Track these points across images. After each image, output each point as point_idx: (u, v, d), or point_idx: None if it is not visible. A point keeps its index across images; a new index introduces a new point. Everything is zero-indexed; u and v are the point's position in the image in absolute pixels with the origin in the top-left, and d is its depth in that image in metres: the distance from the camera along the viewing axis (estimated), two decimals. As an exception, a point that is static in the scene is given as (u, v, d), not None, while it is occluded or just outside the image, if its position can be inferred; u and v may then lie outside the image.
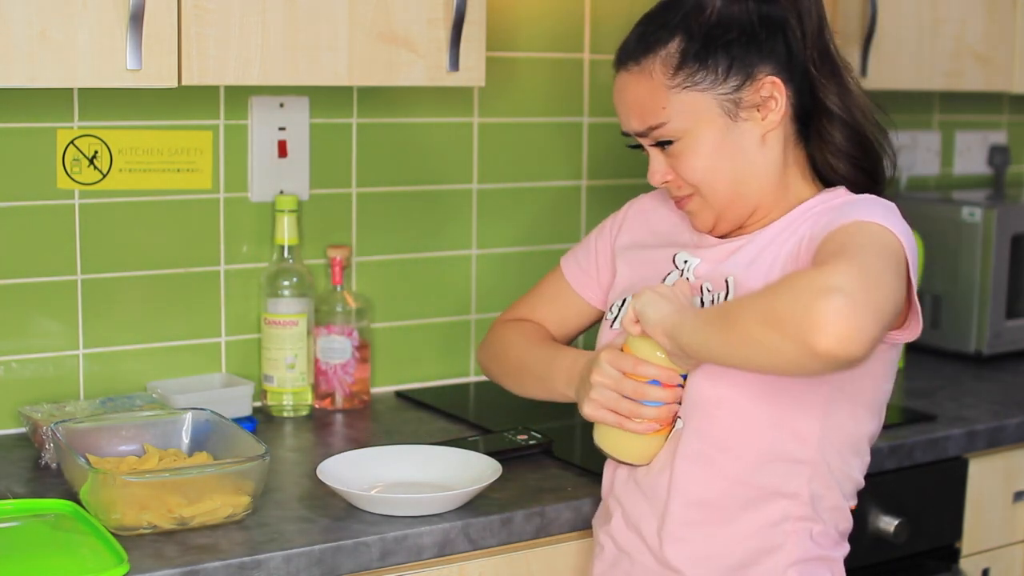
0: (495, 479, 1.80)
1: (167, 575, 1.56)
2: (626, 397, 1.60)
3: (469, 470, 1.86)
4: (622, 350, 1.62)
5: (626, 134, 1.72)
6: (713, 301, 1.63)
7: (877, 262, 1.41)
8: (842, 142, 1.66)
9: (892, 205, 1.58)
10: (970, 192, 2.97)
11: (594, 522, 1.78)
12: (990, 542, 2.35)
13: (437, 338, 2.48)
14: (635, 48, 1.66)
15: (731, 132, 1.62)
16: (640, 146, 1.71)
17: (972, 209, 2.72)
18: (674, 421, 1.63)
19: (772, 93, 1.62)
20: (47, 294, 2.12)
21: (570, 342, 1.94)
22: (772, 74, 1.62)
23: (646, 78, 1.64)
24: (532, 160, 2.54)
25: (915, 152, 3.08)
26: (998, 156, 3.06)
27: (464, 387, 2.48)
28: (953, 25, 2.64)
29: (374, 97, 2.36)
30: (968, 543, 2.31)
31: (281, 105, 2.27)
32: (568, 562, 1.87)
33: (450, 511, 1.77)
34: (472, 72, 2.05)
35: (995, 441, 2.29)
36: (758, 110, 1.62)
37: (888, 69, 2.55)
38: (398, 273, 2.42)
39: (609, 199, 2.61)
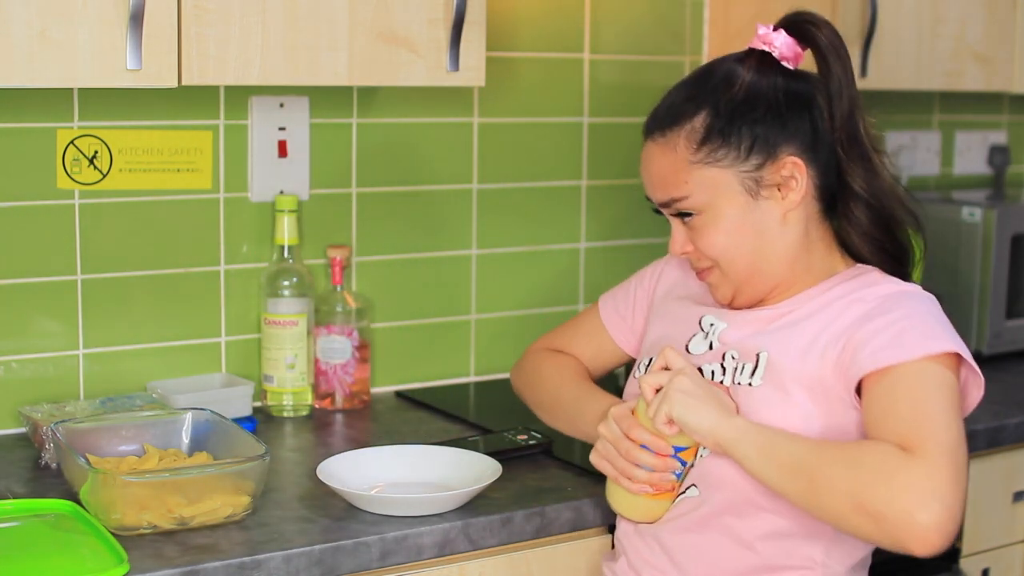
0: (495, 479, 1.80)
1: (167, 575, 1.56)
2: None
3: (469, 470, 1.86)
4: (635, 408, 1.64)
5: (649, 199, 1.72)
6: (736, 370, 1.62)
7: (954, 426, 1.46)
8: (867, 224, 1.65)
9: (934, 304, 1.59)
10: (970, 192, 2.97)
11: (603, 556, 1.82)
12: (990, 542, 2.35)
13: (437, 338, 2.48)
14: (663, 119, 1.66)
15: (752, 210, 1.61)
16: (660, 213, 1.72)
17: (972, 209, 2.72)
18: (680, 486, 1.64)
19: (793, 173, 1.61)
20: (47, 294, 2.12)
21: (603, 377, 1.96)
22: (795, 154, 1.61)
23: (670, 150, 1.64)
24: (532, 160, 2.54)
25: (915, 152, 3.08)
26: (998, 156, 3.06)
27: (464, 387, 2.48)
28: (953, 25, 2.64)
29: (374, 97, 2.36)
30: (968, 543, 2.31)
31: (281, 105, 2.27)
32: (568, 562, 1.87)
33: (450, 511, 1.77)
34: (472, 72, 2.05)
35: (995, 441, 2.29)
36: (779, 189, 1.61)
37: (888, 69, 2.55)
38: (398, 273, 2.42)
39: (609, 199, 2.61)
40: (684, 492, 1.64)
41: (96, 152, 2.12)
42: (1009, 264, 2.72)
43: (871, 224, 1.65)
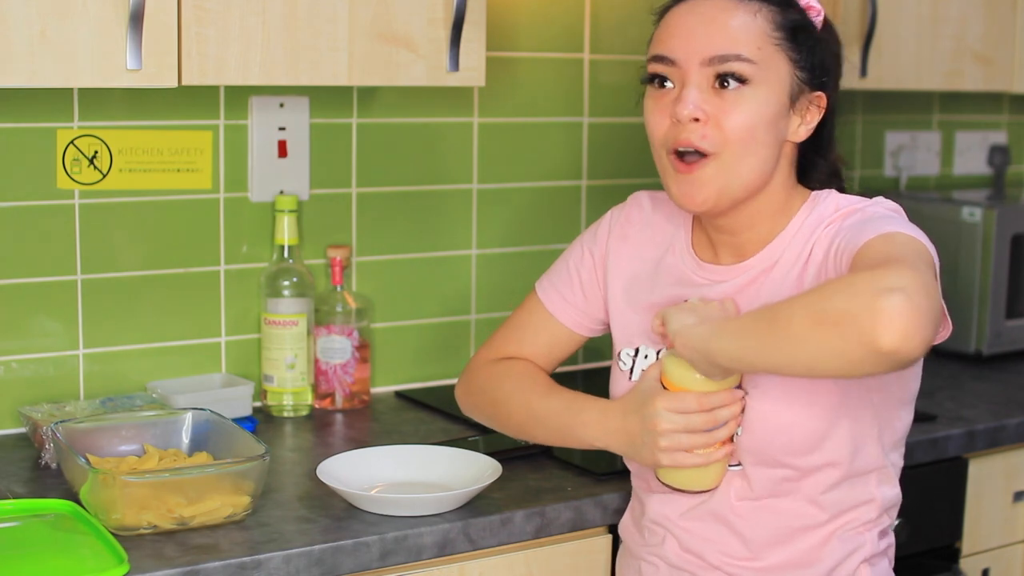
0: (495, 479, 1.80)
1: (167, 575, 1.56)
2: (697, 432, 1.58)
3: (469, 470, 1.86)
4: (661, 382, 1.59)
5: (665, 57, 1.60)
6: None
7: (921, 265, 1.42)
8: (825, 176, 1.71)
9: (901, 213, 1.59)
10: (970, 192, 2.97)
11: (623, 553, 1.78)
12: (990, 542, 2.35)
13: (437, 338, 2.48)
14: None
15: (781, 116, 1.60)
16: (657, 78, 1.61)
17: (972, 209, 2.72)
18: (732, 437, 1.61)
19: (819, 108, 1.63)
20: (47, 294, 2.12)
21: (557, 367, 1.88)
22: (823, 91, 1.63)
23: (748, 13, 1.58)
24: (532, 160, 2.54)
25: (915, 152, 3.08)
26: (998, 156, 3.06)
27: (464, 387, 2.48)
28: (953, 25, 2.64)
29: (374, 97, 2.36)
30: (968, 543, 2.31)
31: (281, 105, 2.27)
32: (568, 562, 1.87)
33: (450, 511, 1.77)
34: (472, 72, 2.05)
35: (995, 441, 2.29)
36: (800, 115, 1.62)
37: (888, 69, 2.55)
38: (398, 273, 2.42)
39: (609, 199, 2.60)
40: (735, 465, 1.62)
41: (96, 152, 2.12)
42: (1009, 264, 2.72)
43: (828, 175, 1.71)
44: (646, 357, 1.70)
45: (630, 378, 1.71)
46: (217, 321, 2.26)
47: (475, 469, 1.86)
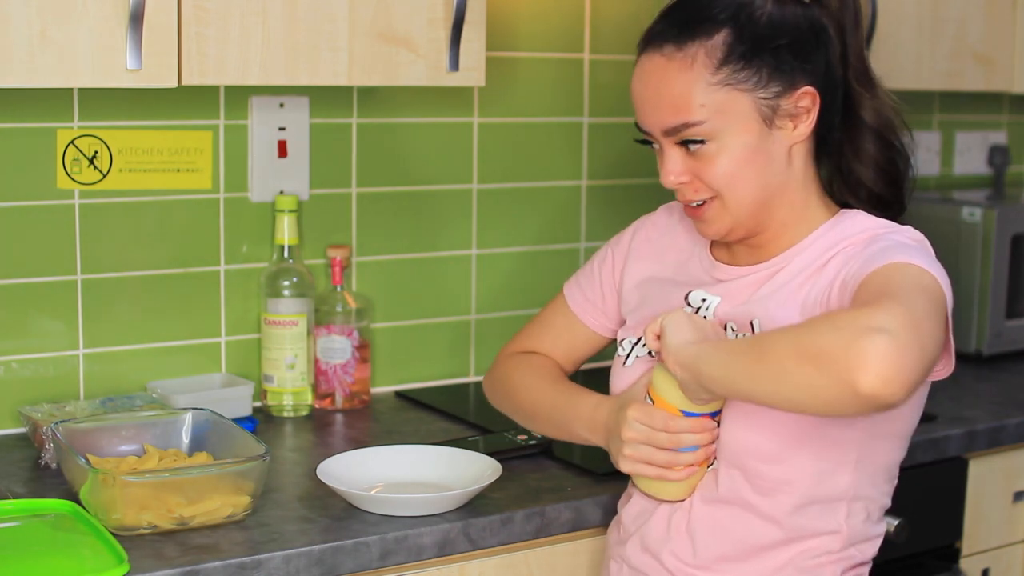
0: (495, 479, 1.80)
1: (167, 575, 1.56)
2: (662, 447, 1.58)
3: (469, 470, 1.86)
4: (648, 393, 1.59)
5: (640, 127, 1.61)
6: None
7: (921, 303, 1.38)
8: (874, 152, 1.63)
9: (925, 244, 1.55)
10: (970, 192, 2.97)
11: (609, 539, 1.78)
12: (990, 542, 2.35)
13: (437, 338, 2.48)
14: (679, 32, 1.55)
15: (764, 139, 1.56)
16: (647, 142, 1.62)
17: (972, 209, 2.72)
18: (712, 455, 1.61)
19: (808, 105, 1.57)
20: (47, 294, 2.12)
21: (579, 367, 1.91)
22: (810, 85, 1.56)
23: (686, 67, 1.54)
24: (532, 160, 2.54)
25: (915, 152, 3.08)
26: (998, 156, 3.06)
27: (464, 387, 2.48)
28: (953, 25, 2.64)
29: (374, 97, 2.36)
30: (968, 543, 2.31)
31: (281, 105, 2.27)
32: (568, 562, 1.87)
33: (450, 511, 1.77)
34: (472, 72, 2.05)
35: (995, 441, 2.29)
36: (791, 120, 1.57)
37: (888, 69, 2.54)
38: (398, 273, 2.42)
39: (609, 199, 2.61)
40: (710, 465, 1.61)
41: (96, 152, 2.12)
42: (1009, 264, 2.72)
43: (877, 152, 1.63)
44: (644, 345, 1.69)
45: (624, 363, 1.71)
46: (217, 321, 2.26)
47: (475, 469, 1.86)
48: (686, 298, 1.67)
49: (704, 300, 1.65)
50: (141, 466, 1.78)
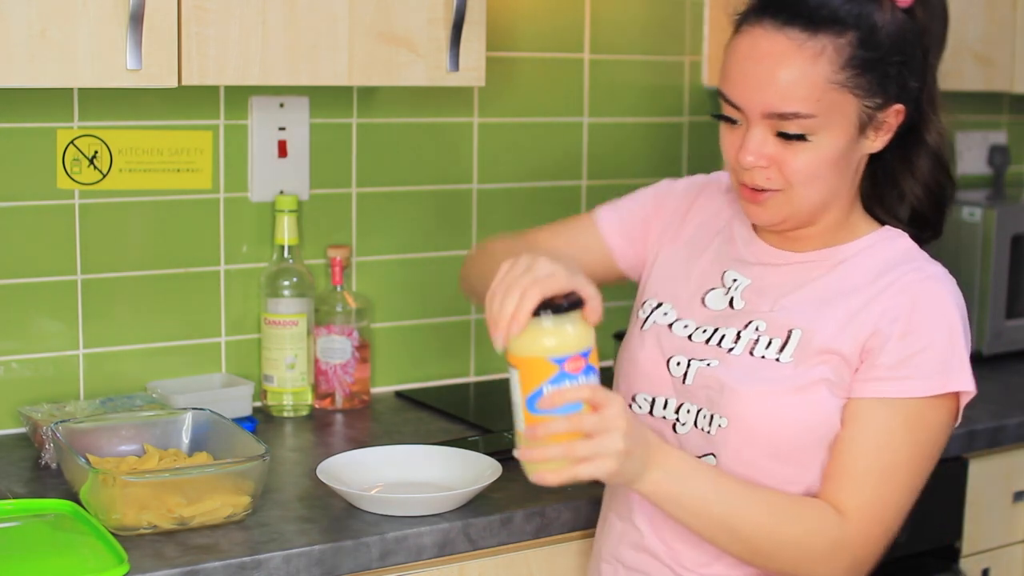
0: (495, 479, 1.80)
1: (167, 575, 1.56)
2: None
3: (469, 470, 1.86)
4: (509, 364, 1.43)
5: (728, 99, 1.53)
6: (758, 343, 1.57)
7: (901, 493, 1.54)
8: (926, 172, 1.63)
9: (953, 285, 1.63)
10: (970, 192, 2.97)
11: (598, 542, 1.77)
12: (990, 542, 2.35)
13: (437, 338, 2.48)
14: (808, 20, 1.49)
15: (851, 146, 1.54)
16: (726, 118, 1.56)
17: (972, 209, 2.72)
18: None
19: (895, 121, 1.56)
20: (47, 294, 2.12)
21: None
22: (903, 102, 1.56)
23: (813, 57, 1.48)
24: (532, 160, 2.54)
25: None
26: (998, 156, 3.06)
27: (464, 387, 2.48)
28: (953, 25, 2.63)
29: (374, 97, 2.36)
30: (968, 543, 2.31)
31: (281, 105, 2.27)
32: (568, 562, 1.87)
33: (450, 511, 1.77)
34: (472, 72, 2.05)
35: (995, 441, 2.29)
36: (875, 131, 1.56)
37: (888, 69, 2.55)
38: (398, 273, 2.42)
39: (609, 199, 2.60)
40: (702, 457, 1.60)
41: (96, 152, 2.12)
42: (1009, 264, 2.72)
43: (929, 172, 1.64)
44: (665, 314, 1.67)
45: (642, 327, 1.67)
46: (217, 321, 2.26)
47: (475, 469, 1.86)
48: (722, 275, 1.65)
49: (736, 280, 1.64)
50: (141, 466, 1.78)
